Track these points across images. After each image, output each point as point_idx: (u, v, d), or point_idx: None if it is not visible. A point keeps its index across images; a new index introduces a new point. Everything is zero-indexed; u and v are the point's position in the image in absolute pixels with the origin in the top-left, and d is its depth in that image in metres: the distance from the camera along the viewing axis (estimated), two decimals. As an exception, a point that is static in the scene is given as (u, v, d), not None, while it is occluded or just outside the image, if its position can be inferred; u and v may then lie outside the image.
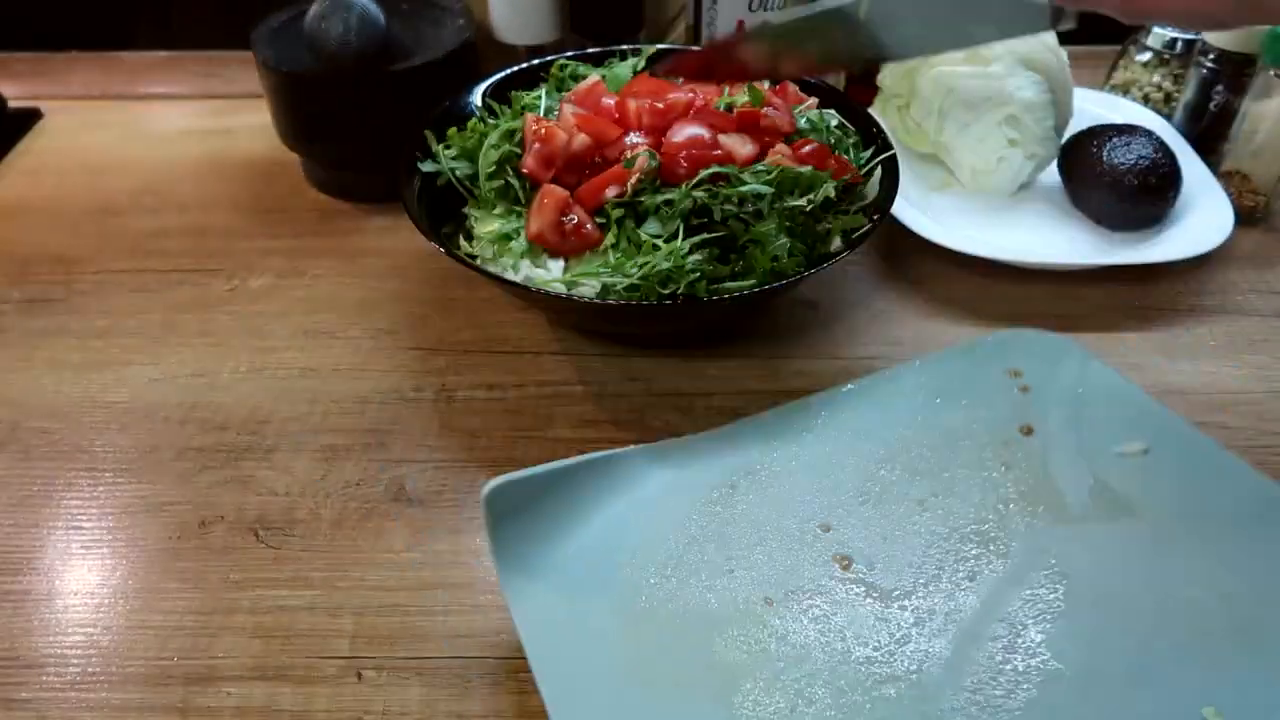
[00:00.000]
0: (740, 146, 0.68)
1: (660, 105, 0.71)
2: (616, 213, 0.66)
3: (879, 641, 0.50)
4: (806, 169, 0.67)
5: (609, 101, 0.71)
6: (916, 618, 0.51)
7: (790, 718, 0.46)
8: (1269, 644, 0.49)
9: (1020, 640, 0.50)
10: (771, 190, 0.65)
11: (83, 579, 0.58)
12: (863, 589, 0.53)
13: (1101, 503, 0.57)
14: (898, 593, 0.52)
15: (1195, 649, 0.49)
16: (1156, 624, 0.51)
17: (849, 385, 0.63)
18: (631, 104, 0.71)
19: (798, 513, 0.56)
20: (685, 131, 0.69)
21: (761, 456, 0.59)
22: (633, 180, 0.65)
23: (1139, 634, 0.50)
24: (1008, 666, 0.49)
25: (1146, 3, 0.45)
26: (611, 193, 0.66)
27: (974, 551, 0.54)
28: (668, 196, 0.65)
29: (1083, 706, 0.47)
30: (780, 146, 0.69)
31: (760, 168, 0.66)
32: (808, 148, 0.69)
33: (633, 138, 0.69)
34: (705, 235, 0.64)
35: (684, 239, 0.64)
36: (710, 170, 0.65)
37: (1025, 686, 0.48)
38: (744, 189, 0.64)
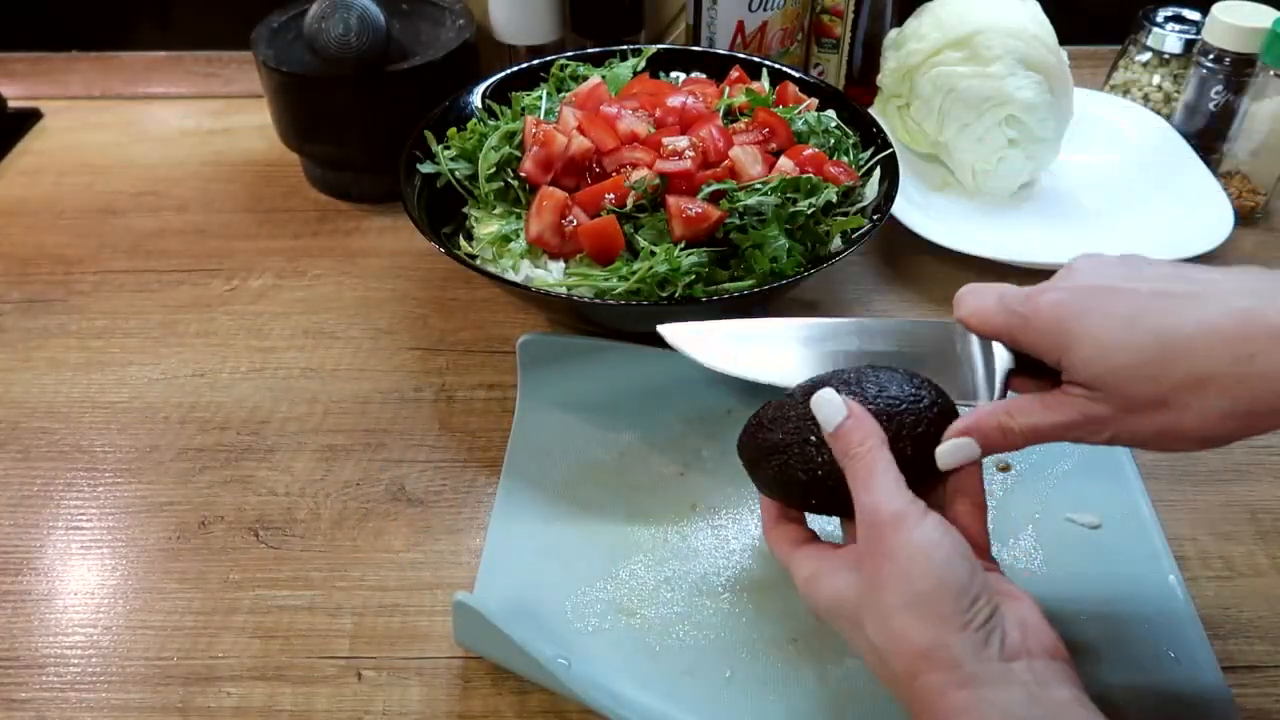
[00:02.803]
0: (751, 165, 0.67)
1: (668, 119, 0.70)
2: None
3: (757, 570, 0.56)
4: (807, 176, 0.66)
5: (610, 109, 0.71)
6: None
7: (651, 594, 0.55)
8: None
9: None
10: (776, 202, 0.65)
11: (83, 579, 0.58)
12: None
13: (1019, 552, 0.57)
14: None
15: None
16: None
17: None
18: (633, 120, 0.70)
19: None
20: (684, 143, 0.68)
21: (756, 398, 0.61)
22: (632, 199, 0.65)
23: None
24: None
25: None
26: (610, 200, 0.66)
27: None
28: (665, 217, 0.65)
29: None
30: (782, 160, 0.69)
31: (758, 185, 0.66)
32: (807, 153, 0.69)
33: (629, 153, 0.68)
34: (705, 250, 0.64)
35: (682, 249, 0.64)
36: (712, 188, 0.65)
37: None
38: (748, 202, 0.64)
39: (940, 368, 0.48)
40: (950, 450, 0.44)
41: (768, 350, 0.51)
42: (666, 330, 0.52)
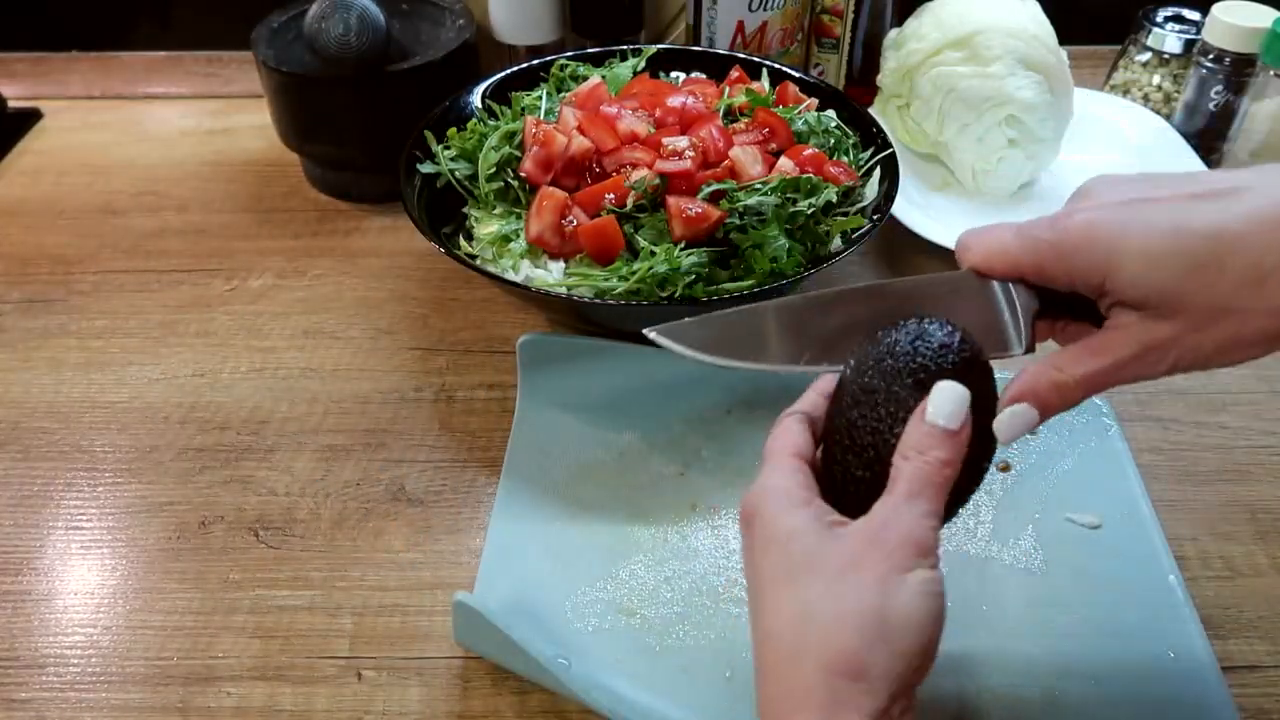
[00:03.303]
0: (751, 165, 0.67)
1: (668, 119, 0.70)
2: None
3: None
4: (807, 176, 0.66)
5: (610, 109, 0.71)
6: None
7: (651, 594, 0.55)
8: None
9: None
10: (776, 202, 0.65)
11: (83, 579, 0.58)
12: None
13: (1019, 552, 0.57)
14: None
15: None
16: (1006, 679, 0.51)
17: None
18: (633, 120, 0.70)
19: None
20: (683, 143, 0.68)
21: (756, 397, 0.62)
22: (632, 199, 0.65)
23: (980, 680, 0.51)
24: None
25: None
26: (610, 199, 0.66)
27: None
28: (665, 218, 0.65)
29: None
30: (782, 160, 0.69)
31: (758, 185, 0.66)
32: (807, 153, 0.69)
33: (629, 153, 0.68)
34: (706, 250, 0.64)
35: (682, 249, 0.64)
36: (712, 188, 0.65)
37: None
38: (748, 202, 0.64)
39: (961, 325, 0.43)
40: (1008, 420, 0.40)
41: (766, 335, 0.44)
42: (654, 333, 0.46)
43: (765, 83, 0.80)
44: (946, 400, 0.39)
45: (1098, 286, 0.39)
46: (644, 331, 0.46)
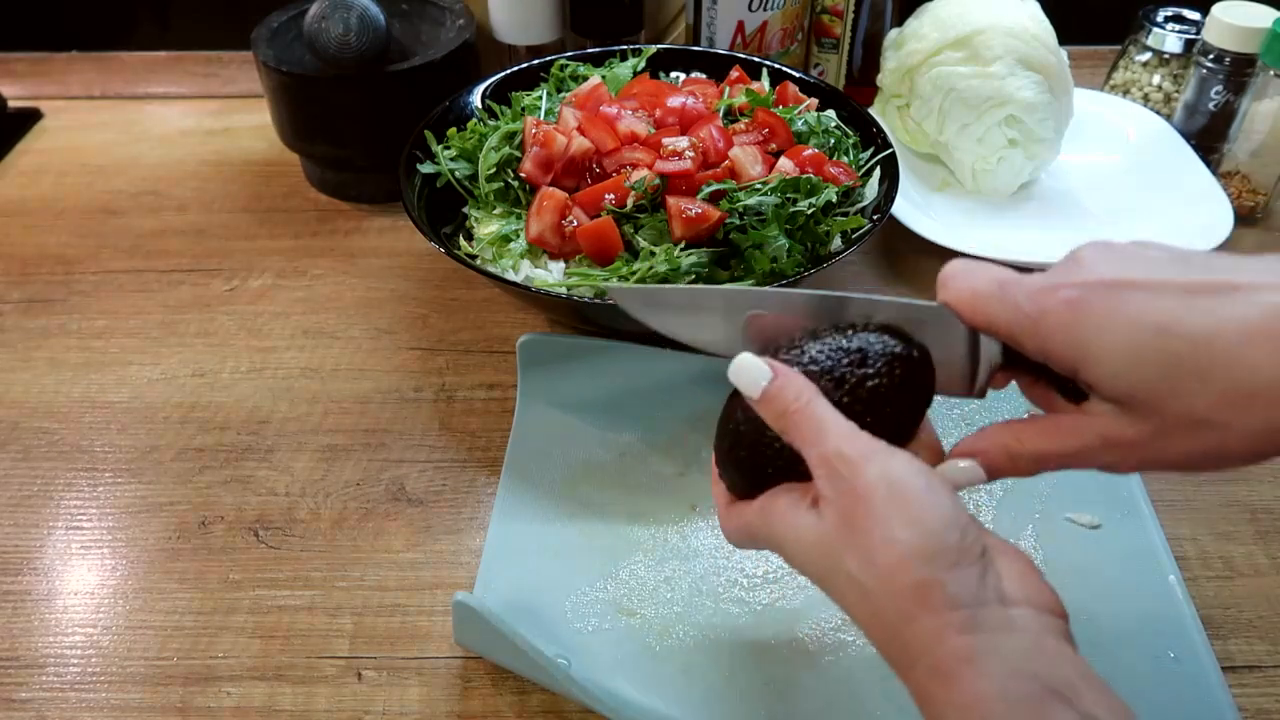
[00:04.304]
0: (751, 165, 0.67)
1: (668, 119, 0.70)
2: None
3: (755, 572, 0.56)
4: (807, 176, 0.66)
5: (610, 110, 0.71)
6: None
7: (651, 594, 0.55)
8: None
9: None
10: (776, 203, 0.65)
11: (83, 579, 0.58)
12: None
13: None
14: None
15: None
16: None
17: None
18: (633, 120, 0.70)
19: None
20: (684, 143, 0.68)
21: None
22: (632, 199, 0.65)
23: None
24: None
25: None
26: (610, 199, 0.66)
27: None
28: (665, 218, 0.65)
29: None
30: (782, 161, 0.69)
31: (758, 185, 0.66)
32: (807, 153, 0.69)
33: (629, 154, 0.68)
34: (706, 250, 0.64)
35: (682, 249, 0.64)
36: (712, 188, 0.65)
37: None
38: (748, 202, 0.64)
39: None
40: (954, 473, 0.40)
41: (714, 319, 0.44)
42: (616, 292, 0.45)
43: (765, 83, 0.80)
44: (740, 376, 0.39)
45: (1071, 371, 0.37)
46: (607, 289, 0.45)
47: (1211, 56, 0.84)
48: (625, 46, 0.83)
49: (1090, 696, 0.34)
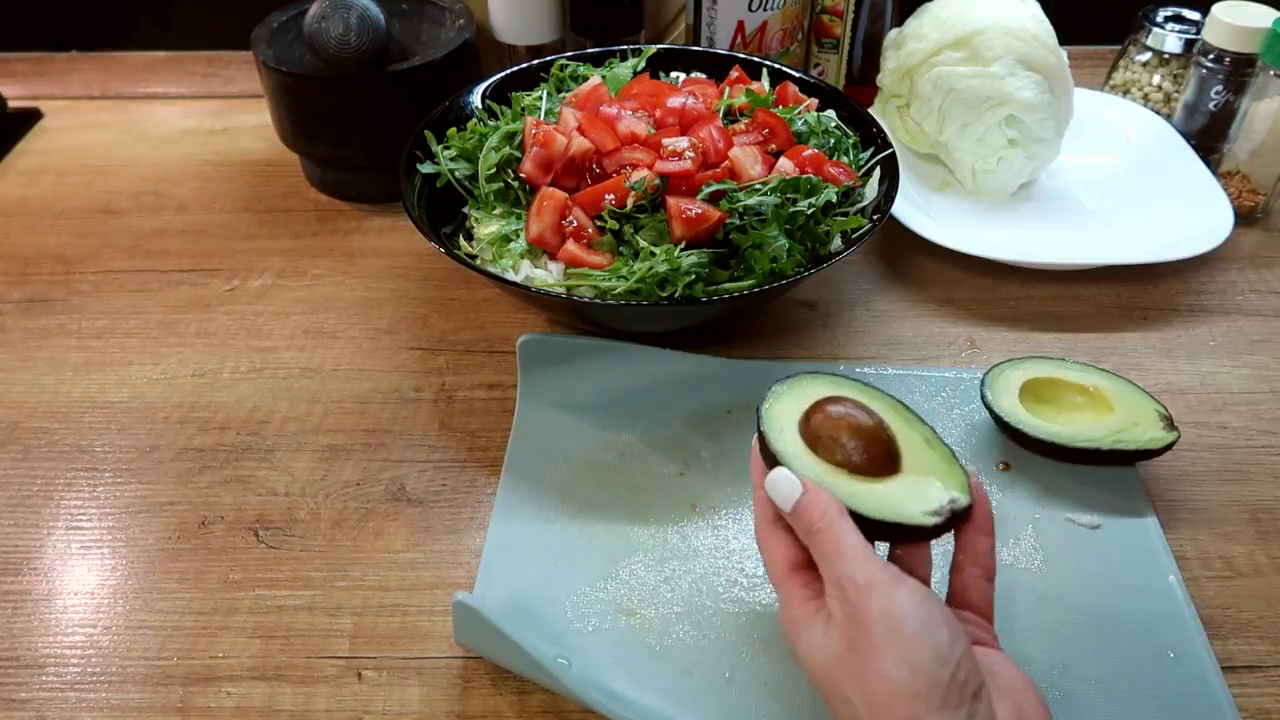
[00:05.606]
0: (751, 165, 0.67)
1: (668, 119, 0.70)
2: (613, 223, 0.66)
3: (755, 572, 0.56)
4: (807, 176, 0.66)
5: (610, 110, 0.71)
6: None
7: (651, 594, 0.55)
8: None
9: None
10: (776, 203, 0.65)
11: (83, 579, 0.58)
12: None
13: (1019, 552, 0.57)
14: None
15: None
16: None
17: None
18: (633, 120, 0.70)
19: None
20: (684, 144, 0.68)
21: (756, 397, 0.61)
22: (632, 200, 0.65)
23: None
24: None
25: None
26: (610, 200, 0.66)
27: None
28: (665, 218, 0.65)
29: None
30: (782, 161, 0.69)
31: (758, 185, 0.66)
32: (807, 153, 0.69)
33: (629, 154, 0.68)
34: (706, 250, 0.64)
35: (682, 249, 0.64)
36: (712, 188, 0.65)
37: None
38: (748, 202, 0.64)
39: None
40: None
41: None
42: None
43: (765, 83, 0.80)
44: (775, 490, 0.44)
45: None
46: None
47: (1211, 56, 0.84)
48: (625, 46, 0.83)
49: None
